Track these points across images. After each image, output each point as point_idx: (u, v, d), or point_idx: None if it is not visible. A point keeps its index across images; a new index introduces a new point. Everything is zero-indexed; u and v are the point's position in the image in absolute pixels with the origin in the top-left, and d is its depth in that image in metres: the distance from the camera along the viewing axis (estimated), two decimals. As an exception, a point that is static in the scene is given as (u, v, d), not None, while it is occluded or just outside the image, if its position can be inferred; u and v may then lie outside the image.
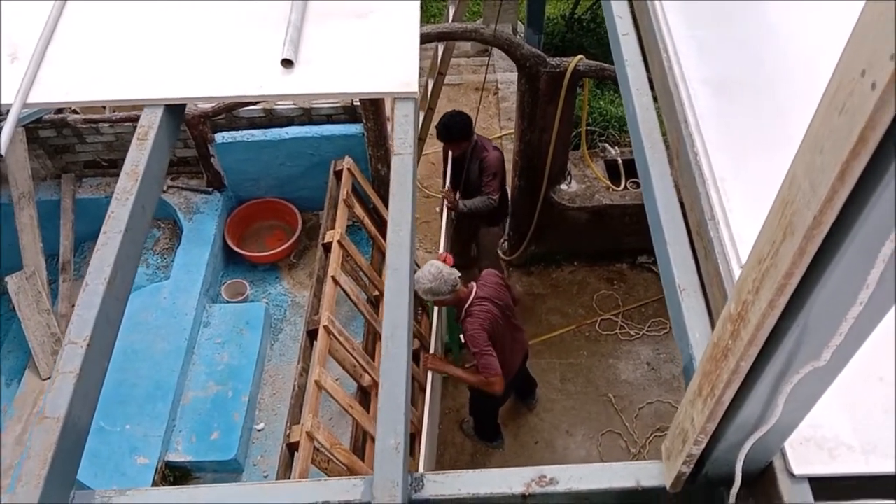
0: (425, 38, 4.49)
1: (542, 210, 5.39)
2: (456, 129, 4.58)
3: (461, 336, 5.24)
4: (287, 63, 2.15)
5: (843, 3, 0.79)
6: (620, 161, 5.50)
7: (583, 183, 5.45)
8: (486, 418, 4.89)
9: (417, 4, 2.33)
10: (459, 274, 3.85)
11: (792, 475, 1.47)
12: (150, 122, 2.11)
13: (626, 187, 5.39)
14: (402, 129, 2.08)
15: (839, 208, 0.87)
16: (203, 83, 2.15)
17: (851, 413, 1.50)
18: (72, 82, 2.16)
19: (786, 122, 1.06)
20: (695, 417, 1.40)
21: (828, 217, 0.88)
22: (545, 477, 1.63)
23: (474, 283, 3.94)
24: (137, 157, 2.05)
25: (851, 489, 1.48)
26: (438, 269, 3.76)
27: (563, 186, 5.38)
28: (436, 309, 4.15)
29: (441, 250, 4.44)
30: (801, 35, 1.98)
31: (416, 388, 4.16)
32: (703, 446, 1.44)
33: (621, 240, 5.58)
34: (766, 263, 1.02)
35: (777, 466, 1.49)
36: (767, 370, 1.18)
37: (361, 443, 3.75)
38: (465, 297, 3.87)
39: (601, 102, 6.24)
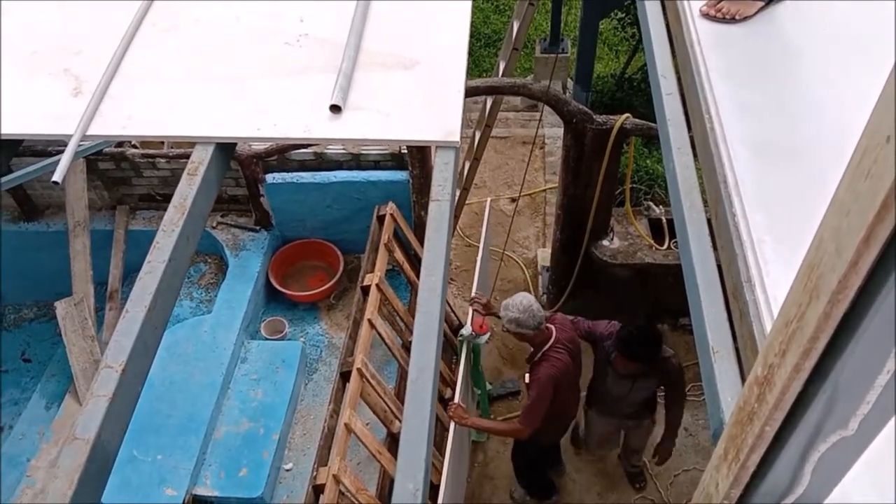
0: (474, 92, 4.59)
1: (583, 265, 5.36)
2: (644, 349, 3.76)
3: (489, 385, 5.20)
4: (335, 109, 2.22)
5: (885, 66, 0.80)
6: (664, 220, 5.46)
7: (625, 240, 5.42)
8: (534, 473, 4.76)
9: (465, 57, 2.40)
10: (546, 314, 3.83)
11: (820, 550, 1.41)
12: (201, 159, 2.19)
13: (669, 247, 5.34)
14: (441, 176, 2.12)
15: (865, 273, 0.86)
16: (254, 124, 2.23)
17: (881, 489, 1.44)
18: (130, 117, 2.26)
19: (825, 184, 1.05)
20: (719, 482, 1.37)
21: (853, 281, 0.87)
22: (565, 534, 1.60)
23: (552, 326, 3.89)
24: (186, 192, 2.13)
25: (883, 570, 1.41)
26: (530, 303, 3.74)
27: (605, 242, 5.35)
28: (462, 359, 4.11)
29: (474, 291, 4.44)
30: (844, 98, 1.97)
31: (444, 436, 4.13)
32: (727, 513, 1.40)
33: (663, 300, 5.49)
34: (792, 327, 1.01)
35: (805, 540, 1.44)
36: (794, 436, 1.15)
37: (387, 491, 3.72)
38: (546, 339, 3.83)
39: (648, 161, 6.24)
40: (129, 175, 5.52)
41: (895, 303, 0.86)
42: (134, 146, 5.38)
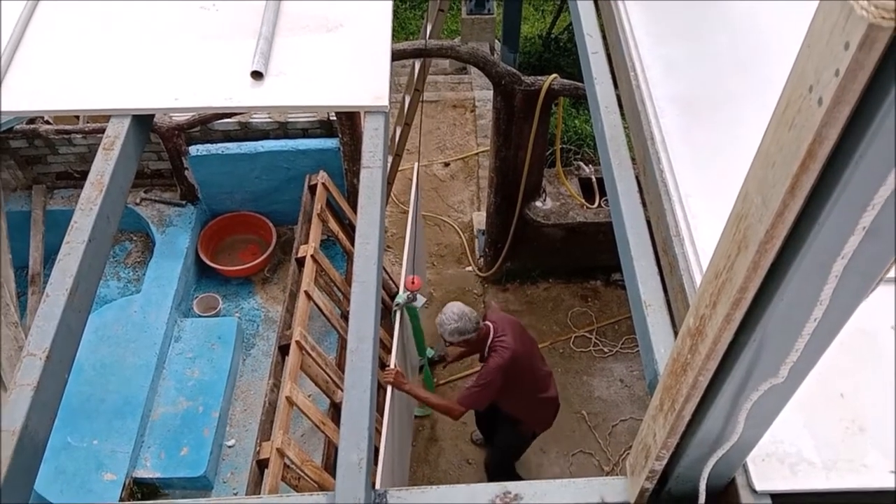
0: (402, 55, 4.51)
1: (517, 227, 5.40)
2: None
3: (430, 355, 5.21)
4: (257, 75, 2.15)
5: (806, 20, 0.81)
6: (594, 179, 5.54)
7: (557, 200, 5.48)
8: (509, 475, 4.73)
9: (389, 18, 2.34)
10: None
11: (754, 491, 1.47)
12: (117, 133, 2.09)
13: (599, 205, 5.42)
14: (371, 143, 2.08)
15: (791, 223, 0.88)
16: (171, 94, 2.13)
17: (812, 429, 1.51)
18: (38, 91, 2.13)
19: (750, 138, 1.07)
20: (657, 432, 1.40)
21: (779, 231, 0.88)
22: (510, 493, 1.62)
23: (488, 322, 3.81)
24: (102, 168, 2.03)
25: (812, 505, 1.49)
26: (461, 308, 3.65)
27: (538, 203, 5.40)
28: (397, 323, 4.08)
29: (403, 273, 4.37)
30: (767, 52, 2.01)
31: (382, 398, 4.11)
32: (665, 462, 1.44)
33: (595, 257, 5.60)
34: (722, 278, 1.03)
35: (739, 482, 1.50)
36: (726, 386, 1.18)
37: (333, 460, 3.70)
38: (486, 333, 3.74)
39: (576, 121, 6.29)
40: (43, 153, 5.25)
41: (820, 252, 0.89)
42: (47, 122, 5.11)
